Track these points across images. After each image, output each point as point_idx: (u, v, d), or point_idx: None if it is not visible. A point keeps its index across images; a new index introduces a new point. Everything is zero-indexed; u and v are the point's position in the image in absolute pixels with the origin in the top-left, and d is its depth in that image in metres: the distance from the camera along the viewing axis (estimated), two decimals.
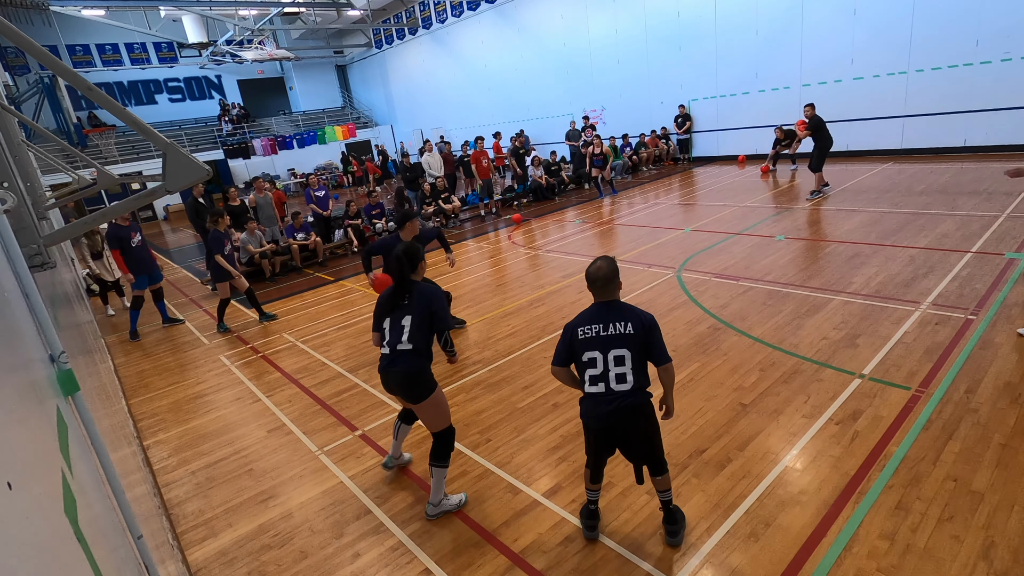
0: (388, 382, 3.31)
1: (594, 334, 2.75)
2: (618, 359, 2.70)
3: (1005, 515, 2.81)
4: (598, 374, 2.72)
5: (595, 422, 2.78)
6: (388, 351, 3.24)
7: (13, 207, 1.74)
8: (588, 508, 3.09)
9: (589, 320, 2.79)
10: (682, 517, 3.02)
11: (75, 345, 2.98)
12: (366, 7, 21.61)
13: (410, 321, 3.19)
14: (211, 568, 3.28)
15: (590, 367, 2.74)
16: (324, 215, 11.45)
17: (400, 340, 3.19)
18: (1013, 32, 10.74)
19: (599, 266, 2.83)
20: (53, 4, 16.13)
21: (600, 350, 2.72)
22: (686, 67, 16.46)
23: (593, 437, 2.87)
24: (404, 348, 3.19)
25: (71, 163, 17.39)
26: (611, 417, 2.71)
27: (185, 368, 6.55)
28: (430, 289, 3.32)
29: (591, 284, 2.83)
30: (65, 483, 1.12)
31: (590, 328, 2.77)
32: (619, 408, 2.69)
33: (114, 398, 4.61)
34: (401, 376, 3.20)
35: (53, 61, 1.82)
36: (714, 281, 6.74)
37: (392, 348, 3.22)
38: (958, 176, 10.19)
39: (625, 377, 2.70)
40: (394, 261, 3.28)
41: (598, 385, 2.73)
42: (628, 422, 2.73)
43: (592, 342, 2.74)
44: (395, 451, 3.91)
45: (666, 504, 2.97)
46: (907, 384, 4.06)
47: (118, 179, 3.35)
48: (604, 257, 2.88)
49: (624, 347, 2.70)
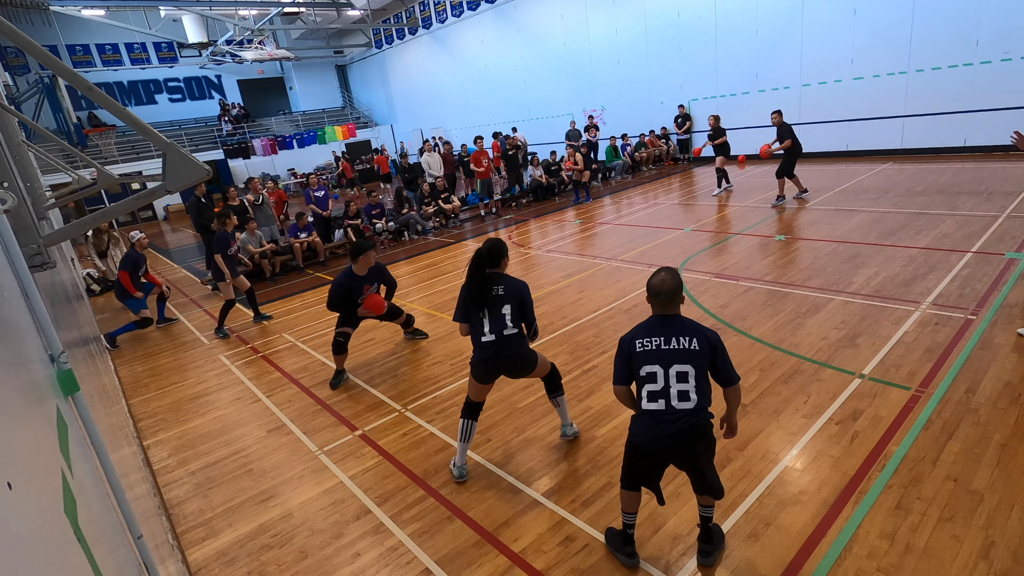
0: (498, 366, 3.55)
1: (654, 347, 2.56)
2: (681, 375, 2.51)
3: (1005, 515, 2.81)
4: (658, 390, 2.53)
5: (650, 444, 2.57)
6: (494, 338, 3.48)
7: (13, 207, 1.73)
8: (625, 533, 2.82)
9: (648, 332, 2.60)
10: (720, 538, 2.87)
11: (75, 345, 2.98)
12: (366, 7, 21.61)
13: (510, 309, 3.49)
14: (211, 568, 3.28)
15: (649, 382, 2.55)
16: (324, 215, 11.45)
17: (506, 326, 3.48)
18: (1013, 32, 10.74)
19: (663, 278, 2.60)
20: (53, 4, 16.12)
21: (660, 364, 2.53)
22: (686, 67, 16.46)
23: (643, 460, 2.65)
24: (511, 332, 3.49)
25: (71, 163, 17.39)
26: (670, 439, 2.51)
27: (185, 368, 6.55)
28: (519, 281, 3.61)
29: (654, 296, 2.61)
30: (65, 483, 1.12)
31: (649, 341, 2.57)
32: (680, 429, 2.49)
33: (114, 398, 4.60)
34: (514, 358, 3.54)
35: (53, 61, 1.82)
36: (714, 281, 6.74)
37: (498, 335, 3.47)
38: (958, 176, 10.19)
39: (688, 395, 2.50)
40: (478, 258, 3.49)
41: (657, 402, 2.53)
42: (687, 445, 2.52)
43: (651, 355, 2.55)
44: (463, 457, 3.71)
45: (706, 521, 2.77)
46: (907, 384, 4.06)
47: (118, 179, 3.35)
48: (667, 269, 2.66)
49: (688, 363, 2.51)
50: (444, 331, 6.44)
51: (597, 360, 5.18)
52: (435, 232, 12.33)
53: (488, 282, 3.49)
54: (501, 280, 3.52)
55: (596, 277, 7.63)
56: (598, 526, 3.16)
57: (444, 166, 14.52)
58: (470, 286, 3.52)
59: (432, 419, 4.57)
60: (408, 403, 4.88)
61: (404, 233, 12.11)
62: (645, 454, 2.63)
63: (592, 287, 7.23)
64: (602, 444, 3.90)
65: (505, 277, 3.56)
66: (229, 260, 7.30)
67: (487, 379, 3.60)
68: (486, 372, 3.57)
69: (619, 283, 7.25)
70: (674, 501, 3.24)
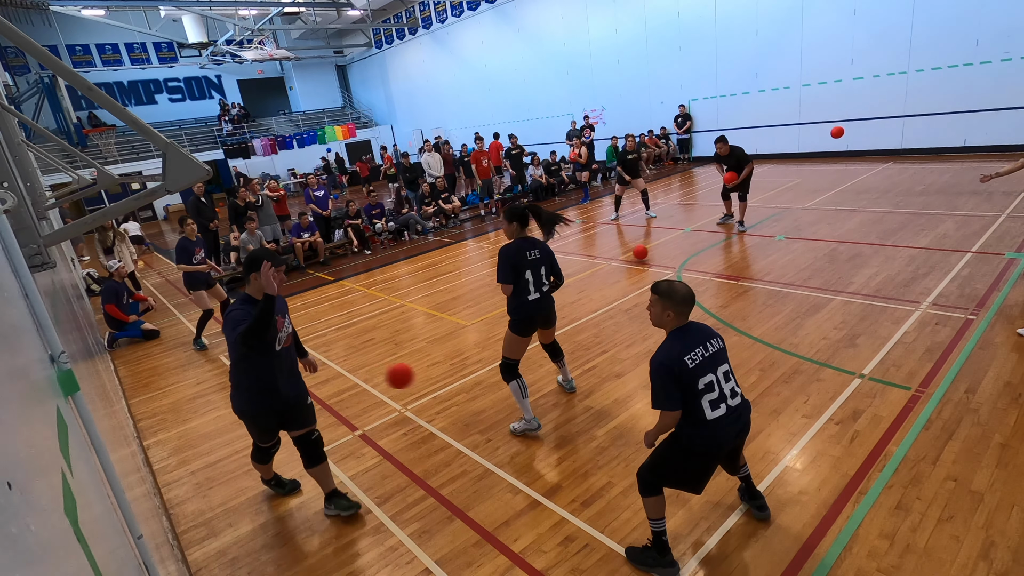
0: (539, 318, 4.10)
1: (702, 358, 2.57)
2: (725, 374, 2.62)
3: (1005, 515, 2.81)
4: (717, 397, 2.57)
5: (723, 443, 2.63)
6: (539, 296, 4.04)
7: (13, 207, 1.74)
8: (659, 541, 2.78)
9: (691, 346, 2.58)
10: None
11: (75, 345, 2.98)
12: (366, 7, 21.61)
13: (545, 269, 4.06)
14: (211, 568, 3.28)
15: (708, 392, 2.56)
16: (324, 215, 11.45)
17: (544, 284, 4.06)
18: (1013, 32, 10.75)
19: (682, 286, 2.65)
20: (53, 4, 16.12)
21: (712, 371, 2.58)
22: (686, 67, 16.46)
23: (710, 460, 2.68)
24: (547, 288, 4.08)
25: (71, 163, 17.38)
26: (739, 435, 2.70)
27: (185, 368, 6.55)
28: (544, 243, 4.13)
29: (683, 304, 2.61)
30: (65, 483, 1.12)
31: (696, 353, 2.56)
32: (743, 426, 2.68)
33: (114, 398, 4.60)
34: (551, 308, 4.19)
35: (53, 61, 1.82)
36: (714, 281, 6.74)
37: (542, 294, 4.05)
38: (958, 176, 10.18)
39: (735, 391, 2.65)
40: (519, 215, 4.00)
41: (720, 407, 2.57)
42: (743, 433, 2.74)
43: (703, 366, 2.56)
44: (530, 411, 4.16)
45: (747, 478, 3.06)
46: (907, 384, 4.06)
47: (118, 179, 3.36)
48: (673, 280, 2.73)
49: (725, 362, 2.65)
50: (444, 331, 6.44)
51: (597, 360, 5.17)
52: (435, 232, 12.33)
53: (527, 247, 3.98)
54: (534, 244, 4.03)
55: (596, 277, 7.63)
56: (598, 526, 3.16)
57: (444, 166, 14.52)
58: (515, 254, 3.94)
59: (432, 419, 4.57)
60: (408, 403, 4.88)
61: (404, 233, 12.11)
62: (712, 456, 2.67)
63: (592, 287, 7.23)
64: (602, 444, 3.90)
65: (535, 241, 4.08)
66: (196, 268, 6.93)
67: (527, 332, 4.11)
68: (529, 325, 4.09)
69: (619, 283, 7.25)
70: (673, 502, 3.24)
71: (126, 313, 7.79)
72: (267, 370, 3.24)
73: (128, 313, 7.85)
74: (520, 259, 3.93)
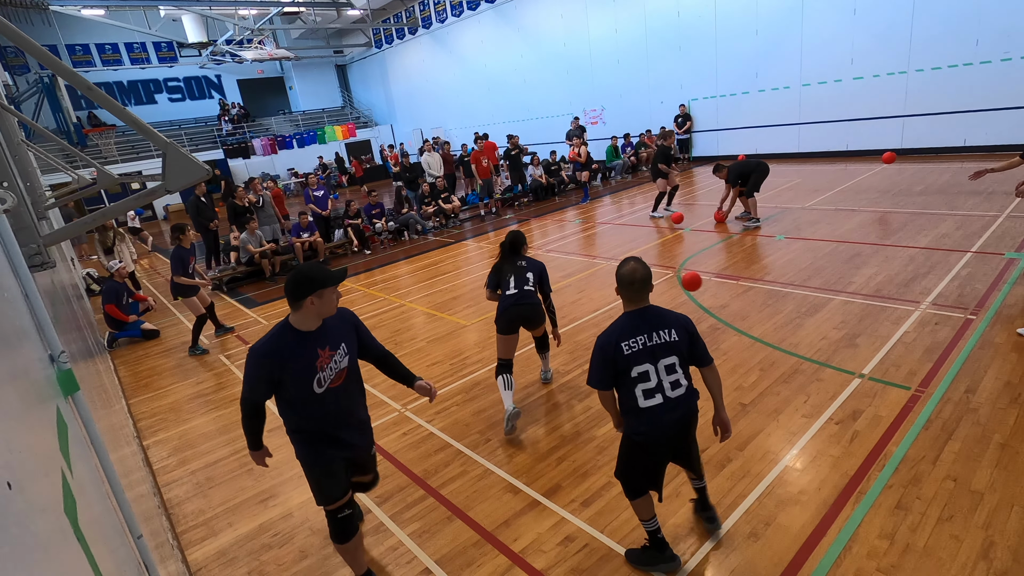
0: (518, 314, 4.19)
1: (641, 346, 2.54)
2: (669, 367, 2.56)
3: (1005, 515, 2.81)
4: (653, 387, 2.56)
5: (657, 436, 2.61)
6: (516, 291, 4.19)
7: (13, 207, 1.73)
8: (655, 539, 2.77)
9: (632, 331, 2.56)
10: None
11: (75, 345, 2.98)
12: (366, 7, 21.61)
13: (532, 276, 4.25)
14: (211, 568, 3.28)
15: (642, 381, 2.55)
16: (323, 215, 11.45)
17: (527, 284, 4.21)
18: (1013, 32, 10.74)
19: (634, 267, 2.57)
20: (53, 4, 16.11)
21: (650, 362, 2.54)
22: (686, 67, 16.46)
23: (652, 454, 2.67)
24: (530, 289, 4.21)
25: (71, 163, 17.38)
26: (675, 427, 2.61)
27: (185, 368, 6.55)
28: (539, 261, 4.40)
29: (627, 287, 2.58)
30: (65, 483, 1.12)
31: (635, 341, 2.54)
32: (682, 415, 2.60)
33: (114, 398, 4.61)
34: (531, 308, 4.21)
35: (53, 61, 1.82)
36: (714, 281, 6.74)
37: (520, 289, 4.20)
38: (958, 176, 10.18)
39: (679, 382, 2.58)
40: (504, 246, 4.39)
41: (655, 397, 2.56)
42: (686, 429, 2.67)
43: (640, 355, 2.54)
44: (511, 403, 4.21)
45: (702, 491, 2.99)
46: (907, 384, 4.06)
47: (118, 179, 3.35)
48: (634, 258, 2.64)
49: (673, 354, 2.57)
50: (444, 331, 6.44)
51: None
52: (435, 232, 12.33)
53: (515, 259, 4.33)
54: (524, 259, 4.36)
55: (596, 277, 7.63)
56: (598, 526, 3.16)
57: (444, 166, 14.52)
58: (501, 265, 4.35)
59: (432, 419, 4.57)
60: (408, 403, 4.88)
61: (404, 233, 12.11)
62: (652, 449, 2.65)
63: (592, 287, 7.23)
64: (602, 444, 3.90)
65: (527, 258, 4.38)
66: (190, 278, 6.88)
67: (510, 329, 4.22)
68: (508, 321, 4.20)
69: None
70: (673, 500, 3.25)
71: (126, 313, 7.80)
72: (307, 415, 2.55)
73: (128, 313, 7.86)
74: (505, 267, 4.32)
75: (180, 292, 6.90)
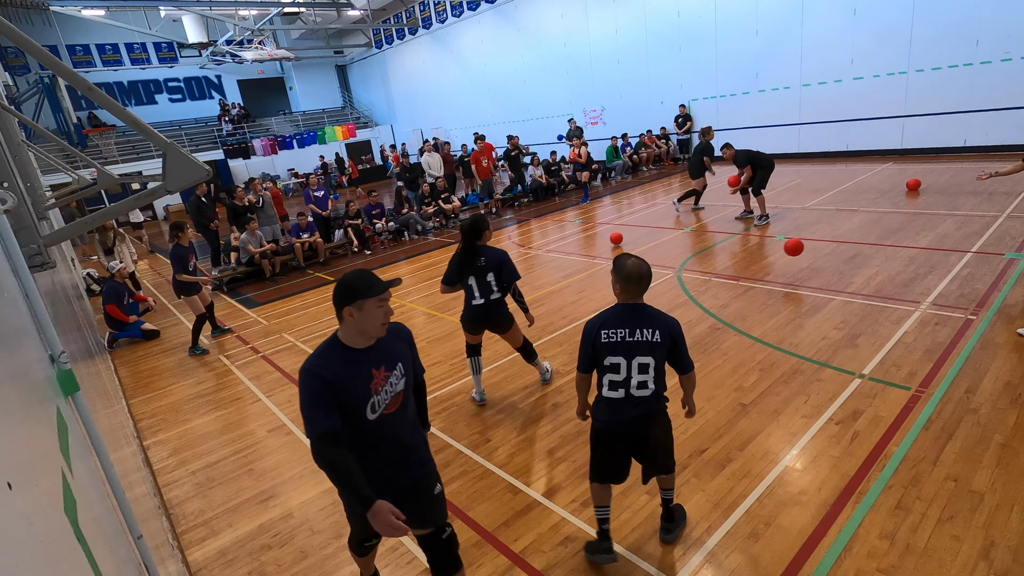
0: (486, 321, 4.35)
1: (619, 339, 2.58)
2: (642, 367, 2.58)
3: (1005, 515, 2.81)
4: (619, 380, 2.61)
5: (611, 428, 2.68)
6: (483, 302, 4.26)
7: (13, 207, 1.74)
8: (601, 528, 2.84)
9: (615, 323, 2.61)
10: (682, 516, 3.04)
11: (75, 345, 2.98)
12: (366, 7, 21.61)
13: (494, 276, 4.21)
14: (211, 568, 3.28)
15: (611, 372, 2.61)
16: (323, 215, 11.45)
17: (492, 292, 4.24)
18: (1013, 32, 10.74)
19: (638, 263, 2.59)
20: (53, 4, 16.12)
21: (624, 356, 2.58)
22: (686, 67, 16.46)
23: (608, 443, 2.74)
24: (495, 298, 4.26)
25: (71, 163, 17.38)
26: (630, 424, 2.64)
27: (185, 368, 6.55)
28: (498, 250, 4.27)
29: (628, 281, 2.59)
30: (65, 483, 1.12)
31: (615, 332, 2.59)
32: (639, 415, 2.63)
33: (114, 398, 4.61)
34: (497, 318, 4.32)
35: (53, 61, 1.82)
36: (714, 281, 6.74)
37: (487, 300, 4.25)
38: (958, 176, 10.18)
39: (647, 384, 2.60)
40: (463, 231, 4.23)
41: (618, 391, 2.62)
42: (643, 429, 2.68)
43: (616, 347, 2.59)
44: (480, 385, 4.63)
45: (667, 503, 2.96)
46: (907, 384, 4.06)
47: (118, 179, 3.36)
48: (633, 255, 2.68)
49: (650, 355, 2.57)
50: (444, 332, 6.44)
51: None
52: (435, 232, 12.33)
53: (474, 253, 4.19)
54: (484, 252, 4.21)
55: (596, 277, 7.63)
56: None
57: (444, 166, 14.52)
58: (461, 257, 4.23)
59: (432, 419, 4.57)
60: None
61: (404, 233, 12.11)
62: (607, 438, 2.75)
63: (592, 287, 7.23)
64: None
65: (487, 248, 4.23)
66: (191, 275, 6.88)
67: (475, 332, 4.49)
68: (474, 327, 4.44)
69: None
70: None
71: (126, 313, 7.81)
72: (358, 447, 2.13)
73: (128, 313, 7.87)
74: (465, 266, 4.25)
75: (183, 290, 6.90)
